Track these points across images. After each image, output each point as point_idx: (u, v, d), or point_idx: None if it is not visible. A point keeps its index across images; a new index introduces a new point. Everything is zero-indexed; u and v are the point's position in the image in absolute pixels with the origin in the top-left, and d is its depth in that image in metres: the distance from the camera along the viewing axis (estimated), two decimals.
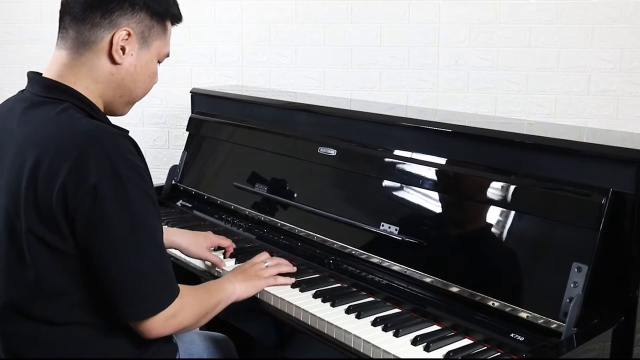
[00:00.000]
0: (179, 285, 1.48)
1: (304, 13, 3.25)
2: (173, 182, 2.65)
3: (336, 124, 2.17)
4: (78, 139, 1.38)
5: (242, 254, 2.00)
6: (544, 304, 1.50)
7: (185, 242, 1.99)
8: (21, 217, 1.38)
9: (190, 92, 2.81)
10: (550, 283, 1.51)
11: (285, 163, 2.25)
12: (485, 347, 1.49)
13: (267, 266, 1.82)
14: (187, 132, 2.73)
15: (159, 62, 1.62)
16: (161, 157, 3.52)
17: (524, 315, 1.52)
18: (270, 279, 1.79)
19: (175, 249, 2.00)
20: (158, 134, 3.51)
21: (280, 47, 3.30)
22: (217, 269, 1.96)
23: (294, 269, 1.86)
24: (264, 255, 1.87)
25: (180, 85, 3.40)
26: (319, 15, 3.23)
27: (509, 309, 1.54)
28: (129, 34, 1.50)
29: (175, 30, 1.62)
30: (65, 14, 1.51)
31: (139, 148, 1.46)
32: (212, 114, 2.66)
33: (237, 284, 1.71)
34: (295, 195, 2.17)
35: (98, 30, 1.48)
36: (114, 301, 1.39)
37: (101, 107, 1.54)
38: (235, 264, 1.96)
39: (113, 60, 1.50)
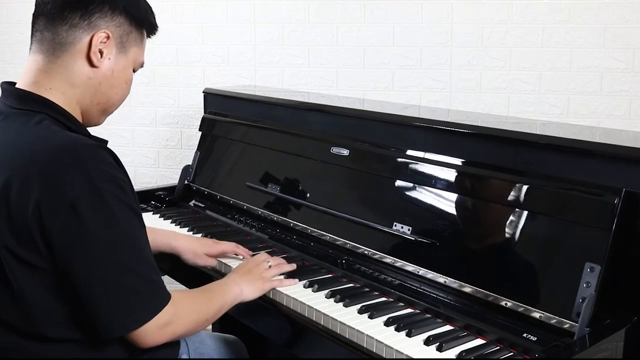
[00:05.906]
0: (175, 292, 1.46)
1: (316, 13, 3.25)
2: (186, 182, 2.66)
3: (349, 124, 2.17)
4: (52, 154, 1.33)
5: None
6: (557, 304, 1.49)
7: (184, 248, 1.97)
8: None
9: (203, 92, 2.82)
10: (563, 283, 1.51)
11: (298, 163, 2.26)
12: (498, 347, 1.49)
13: (270, 266, 1.81)
14: (200, 132, 2.74)
15: (134, 70, 1.58)
16: (174, 157, 3.54)
17: (536, 315, 1.52)
18: (275, 280, 1.79)
19: (175, 254, 1.98)
20: (170, 134, 3.53)
21: (292, 47, 3.31)
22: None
23: (294, 267, 1.88)
24: (264, 255, 1.88)
25: (193, 85, 3.42)
26: (331, 15, 3.23)
27: (521, 309, 1.54)
28: (107, 37, 1.47)
29: (187, 31, 1.62)
30: (40, 15, 1.48)
31: (119, 159, 1.42)
32: (225, 114, 2.67)
33: (243, 285, 1.70)
34: (308, 195, 2.17)
35: (76, 31, 1.45)
36: (99, 317, 1.34)
37: (79, 116, 1.50)
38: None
39: (91, 63, 1.47)
